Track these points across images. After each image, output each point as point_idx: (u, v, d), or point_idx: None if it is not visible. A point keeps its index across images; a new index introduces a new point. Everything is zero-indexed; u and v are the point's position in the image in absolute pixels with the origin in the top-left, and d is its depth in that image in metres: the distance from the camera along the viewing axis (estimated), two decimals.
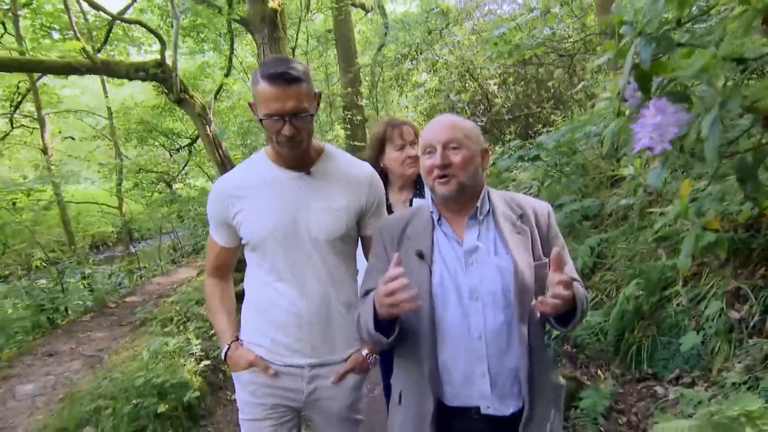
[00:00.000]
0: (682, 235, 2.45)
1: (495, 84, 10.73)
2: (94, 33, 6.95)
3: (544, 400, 1.39)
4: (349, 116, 12.32)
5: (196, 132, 12.04)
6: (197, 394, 3.29)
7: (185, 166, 11.96)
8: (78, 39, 5.02)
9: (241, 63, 13.21)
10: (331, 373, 1.68)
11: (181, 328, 3.90)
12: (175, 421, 3.09)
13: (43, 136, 7.10)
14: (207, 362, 3.64)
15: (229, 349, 1.70)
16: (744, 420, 1.80)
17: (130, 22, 6.40)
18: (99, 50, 5.95)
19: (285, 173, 1.61)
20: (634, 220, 3.78)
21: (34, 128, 8.44)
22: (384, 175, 2.19)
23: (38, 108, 6.90)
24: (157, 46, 10.96)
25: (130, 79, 5.51)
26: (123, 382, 3.15)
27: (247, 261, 1.73)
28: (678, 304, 3.01)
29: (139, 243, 9.69)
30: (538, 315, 1.37)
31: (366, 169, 1.72)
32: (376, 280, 1.43)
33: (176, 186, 11.55)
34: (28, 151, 9.98)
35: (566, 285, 1.24)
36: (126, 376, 3.22)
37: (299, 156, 1.58)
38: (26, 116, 7.93)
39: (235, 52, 11.67)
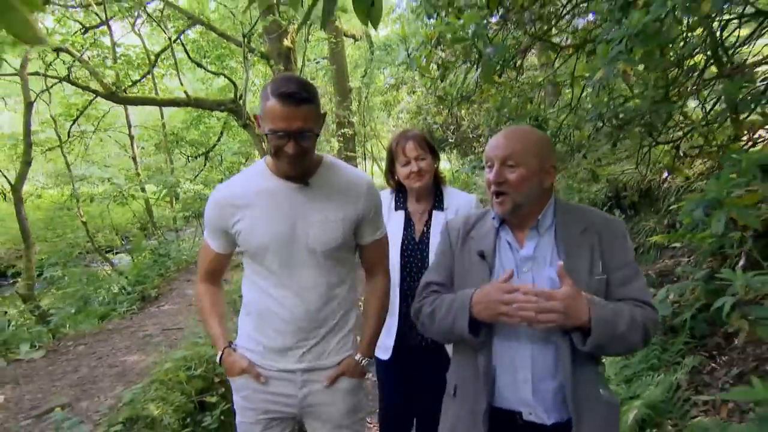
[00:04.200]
0: None
1: (462, 108, 13.41)
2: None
3: (592, 416, 1.34)
4: (342, 131, 14.92)
5: (212, 142, 14.63)
6: None
7: (200, 171, 14.41)
8: (182, 84, 7.62)
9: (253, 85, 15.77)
10: (323, 378, 1.69)
11: None
12: None
13: (133, 148, 9.59)
14: None
15: (223, 354, 1.73)
16: None
17: (216, 74, 8.95)
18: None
19: (285, 184, 1.62)
20: None
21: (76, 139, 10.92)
22: (401, 185, 2.25)
23: (129, 126, 9.36)
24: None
25: (212, 110, 8.11)
26: None
27: (244, 267, 1.75)
28: None
29: (178, 231, 12.19)
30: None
31: (363, 178, 1.73)
32: (439, 275, 1.57)
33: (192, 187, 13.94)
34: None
35: (544, 303, 1.26)
36: None
37: (299, 172, 1.60)
38: (120, 131, 10.41)
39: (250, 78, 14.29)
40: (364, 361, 1.74)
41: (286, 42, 9.98)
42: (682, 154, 3.52)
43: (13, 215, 9.05)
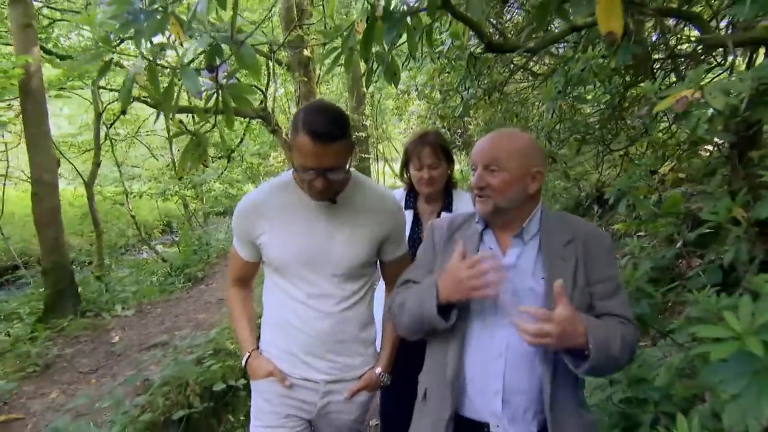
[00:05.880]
0: None
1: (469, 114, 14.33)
2: None
3: None
4: (357, 134, 15.92)
5: (234, 144, 15.79)
6: None
7: (224, 170, 15.61)
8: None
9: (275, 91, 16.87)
10: (345, 390, 1.70)
11: None
12: None
13: (171, 151, 10.71)
14: None
15: (249, 357, 1.73)
16: None
17: (250, 86, 10.09)
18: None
19: (311, 200, 1.59)
20: None
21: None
22: (412, 185, 2.28)
23: (168, 130, 10.49)
24: None
25: (245, 117, 9.20)
26: None
27: (265, 276, 1.74)
28: None
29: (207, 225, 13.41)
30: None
31: (390, 198, 1.73)
32: (420, 273, 1.54)
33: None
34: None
35: (539, 325, 1.19)
36: None
37: (327, 199, 1.58)
38: (158, 135, 11.62)
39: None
40: (384, 377, 1.76)
41: (306, 52, 11.10)
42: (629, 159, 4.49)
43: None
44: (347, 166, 1.52)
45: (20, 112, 4.80)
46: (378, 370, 1.74)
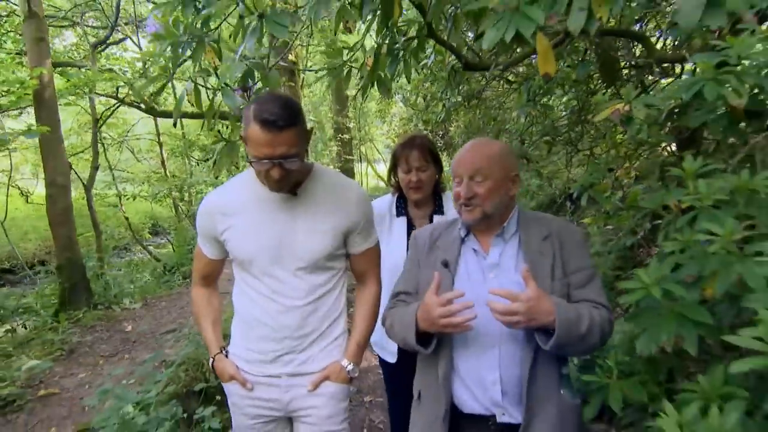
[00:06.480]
0: None
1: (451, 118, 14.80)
2: None
3: (545, 416, 1.38)
4: (340, 137, 16.23)
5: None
6: None
7: (210, 173, 15.87)
8: (208, 98, 9.02)
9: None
10: (307, 382, 1.70)
11: None
12: None
13: (162, 154, 10.99)
14: None
15: (214, 361, 1.76)
16: None
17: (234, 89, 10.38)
18: None
19: (273, 194, 1.61)
20: None
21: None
22: (401, 190, 2.27)
23: (158, 134, 10.72)
24: None
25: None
26: None
27: (234, 273, 1.75)
28: None
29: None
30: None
31: (353, 188, 1.72)
32: (409, 283, 1.61)
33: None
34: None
35: (507, 304, 1.29)
36: None
37: (286, 190, 1.60)
38: (145, 138, 11.85)
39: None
40: (350, 367, 1.74)
41: (291, 57, 11.43)
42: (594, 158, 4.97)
43: (34, 216, 10.46)
44: (302, 154, 1.53)
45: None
46: (344, 362, 1.73)
